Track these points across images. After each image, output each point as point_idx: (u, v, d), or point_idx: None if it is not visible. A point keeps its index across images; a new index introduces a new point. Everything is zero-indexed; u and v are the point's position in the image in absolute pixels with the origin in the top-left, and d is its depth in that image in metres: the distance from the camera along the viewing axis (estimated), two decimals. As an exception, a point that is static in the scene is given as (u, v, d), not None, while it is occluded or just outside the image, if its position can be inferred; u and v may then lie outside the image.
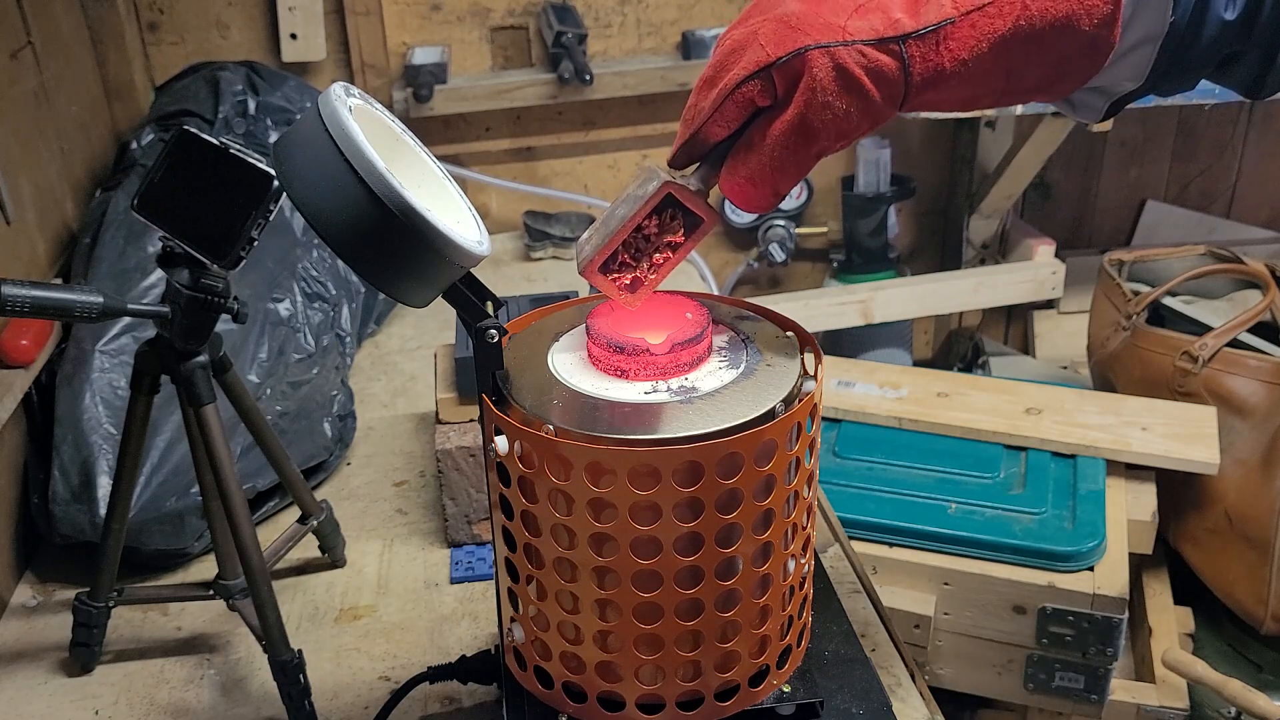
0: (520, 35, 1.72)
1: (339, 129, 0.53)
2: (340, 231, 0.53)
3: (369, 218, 0.53)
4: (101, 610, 0.86)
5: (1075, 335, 1.94)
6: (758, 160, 0.58)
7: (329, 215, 0.53)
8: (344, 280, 1.30)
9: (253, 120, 1.24)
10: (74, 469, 0.95)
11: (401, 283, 0.56)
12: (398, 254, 0.54)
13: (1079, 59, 0.59)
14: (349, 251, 0.54)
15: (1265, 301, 1.51)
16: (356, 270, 0.55)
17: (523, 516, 0.60)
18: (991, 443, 1.35)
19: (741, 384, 0.60)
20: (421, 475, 1.12)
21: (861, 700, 0.66)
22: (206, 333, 0.77)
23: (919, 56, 0.57)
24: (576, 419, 0.57)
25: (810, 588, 0.67)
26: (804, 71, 0.56)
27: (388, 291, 0.56)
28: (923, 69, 0.57)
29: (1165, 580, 1.48)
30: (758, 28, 0.57)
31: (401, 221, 0.53)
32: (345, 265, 0.56)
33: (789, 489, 0.59)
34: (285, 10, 1.57)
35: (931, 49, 0.57)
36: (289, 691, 0.80)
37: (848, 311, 1.79)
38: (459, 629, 0.92)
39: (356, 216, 0.53)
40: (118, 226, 1.11)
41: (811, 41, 0.55)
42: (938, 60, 0.57)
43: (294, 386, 1.11)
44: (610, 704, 0.62)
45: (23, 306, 0.68)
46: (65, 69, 1.29)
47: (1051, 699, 1.27)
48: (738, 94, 0.57)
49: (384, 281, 0.55)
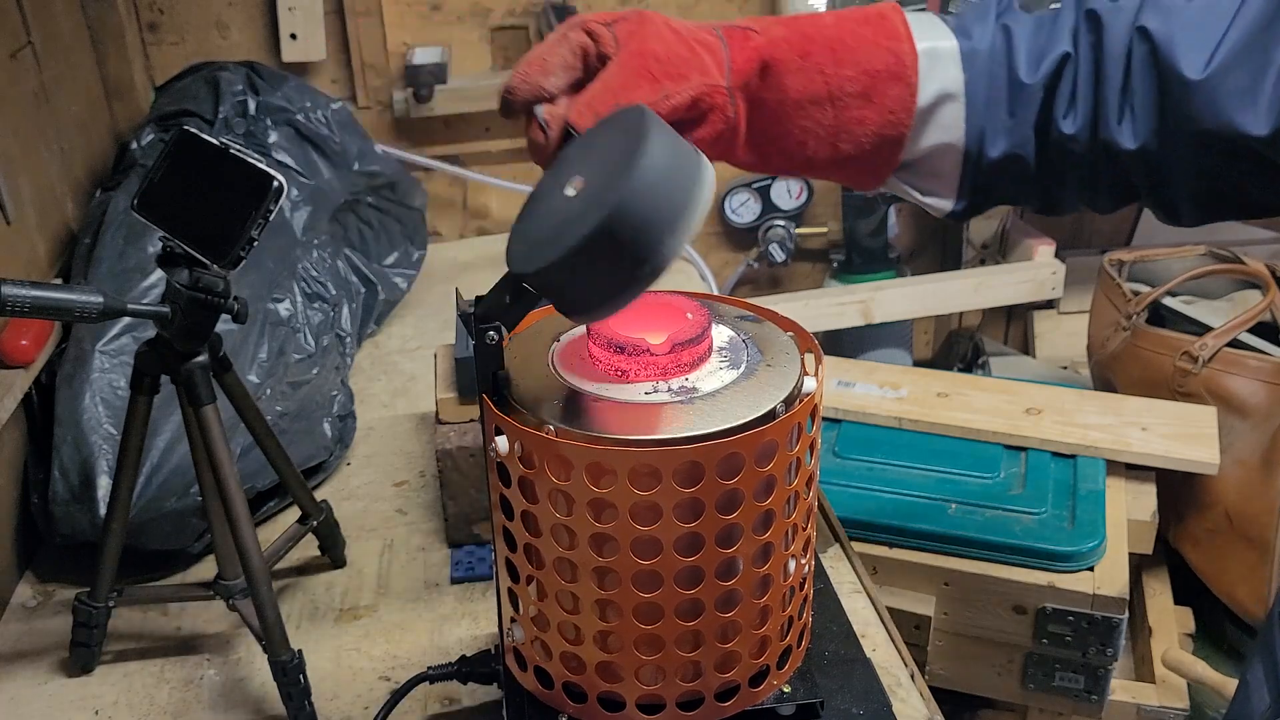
0: (520, 35, 1.72)
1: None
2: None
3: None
4: (101, 610, 0.86)
5: (1075, 335, 1.94)
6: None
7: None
8: (344, 280, 1.30)
9: (253, 120, 1.24)
10: (74, 469, 0.95)
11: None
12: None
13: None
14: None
15: (1265, 301, 1.51)
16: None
17: (523, 517, 0.60)
18: (991, 443, 1.35)
19: (742, 384, 0.60)
20: (421, 475, 1.12)
21: (861, 700, 0.66)
22: (206, 333, 0.77)
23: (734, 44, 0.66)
24: (577, 419, 0.57)
25: (810, 588, 0.67)
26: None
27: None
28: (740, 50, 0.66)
29: (1165, 580, 1.48)
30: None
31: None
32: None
33: (789, 489, 0.59)
34: (285, 10, 1.57)
35: (740, 36, 0.67)
36: (289, 691, 0.80)
37: (848, 311, 1.79)
38: (459, 629, 0.92)
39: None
40: (118, 226, 1.11)
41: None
42: (748, 40, 0.66)
43: (294, 387, 1.11)
44: (610, 704, 0.62)
45: (23, 306, 0.68)
46: (65, 69, 1.29)
47: (1051, 699, 1.27)
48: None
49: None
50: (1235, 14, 0.62)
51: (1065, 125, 0.67)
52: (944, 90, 0.67)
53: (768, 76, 0.67)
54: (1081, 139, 0.67)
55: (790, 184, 1.90)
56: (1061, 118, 0.67)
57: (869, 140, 0.68)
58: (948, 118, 0.68)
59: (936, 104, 0.68)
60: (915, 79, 0.67)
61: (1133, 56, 0.65)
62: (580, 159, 0.58)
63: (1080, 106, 0.67)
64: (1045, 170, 0.70)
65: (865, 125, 0.68)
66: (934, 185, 0.72)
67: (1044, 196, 0.72)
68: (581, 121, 0.61)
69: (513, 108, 0.63)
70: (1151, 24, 0.64)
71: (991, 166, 0.70)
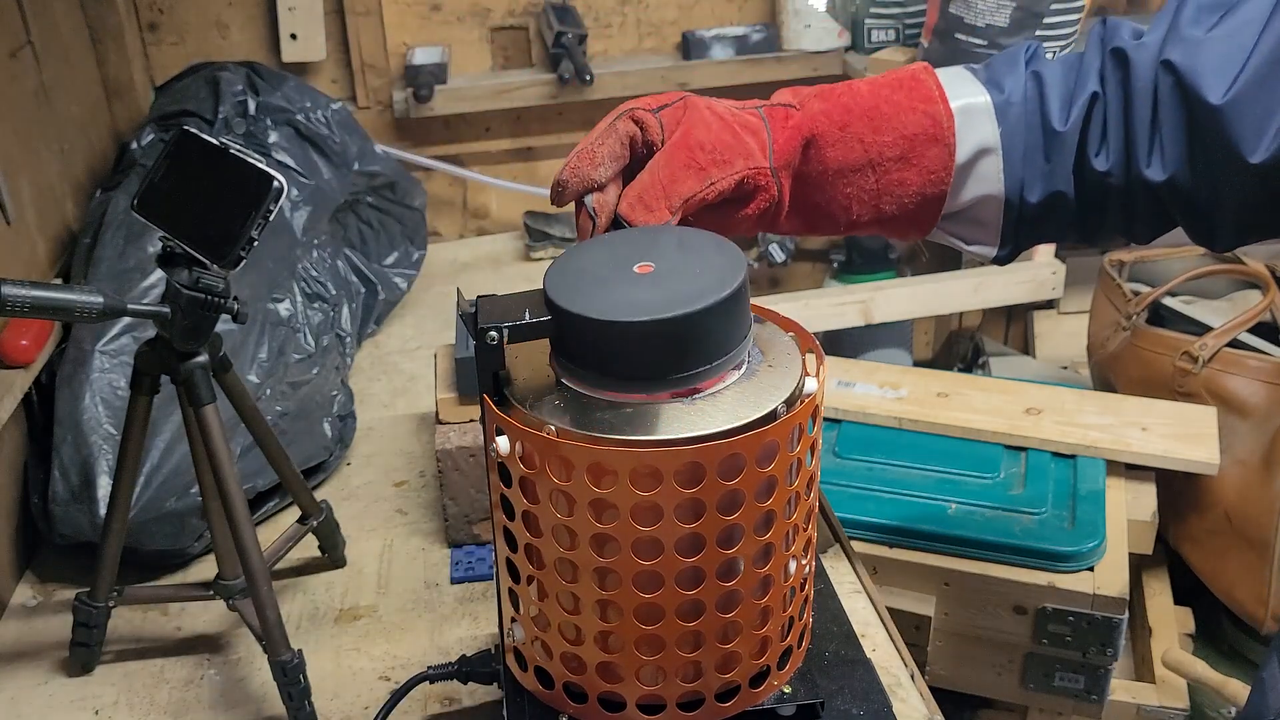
0: (520, 35, 1.72)
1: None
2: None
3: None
4: (101, 610, 0.86)
5: (1075, 335, 1.94)
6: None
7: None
8: (344, 280, 1.30)
9: (253, 120, 1.24)
10: (74, 469, 0.95)
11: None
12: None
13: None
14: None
15: (1265, 301, 1.51)
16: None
17: (524, 517, 0.60)
18: (991, 443, 1.35)
19: (743, 385, 0.60)
20: (421, 475, 1.12)
21: (862, 701, 0.66)
22: (206, 333, 0.77)
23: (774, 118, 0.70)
24: (578, 420, 0.57)
25: (811, 589, 0.67)
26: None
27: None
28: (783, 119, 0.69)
29: (1165, 580, 1.48)
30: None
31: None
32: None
33: (790, 490, 0.59)
34: (285, 10, 1.57)
35: (780, 115, 0.70)
36: (289, 691, 0.80)
37: (848, 312, 1.79)
38: (459, 629, 0.92)
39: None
40: (118, 226, 1.11)
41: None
42: (789, 119, 0.69)
43: (294, 386, 1.10)
44: (611, 704, 0.62)
45: (23, 306, 0.68)
46: (65, 69, 1.29)
47: (1051, 699, 1.27)
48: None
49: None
50: (1256, 42, 0.64)
51: (1098, 163, 0.69)
52: (981, 145, 0.70)
53: (809, 150, 0.70)
54: (1115, 174, 0.69)
55: (790, 184, 1.90)
56: (1094, 156, 0.69)
57: (911, 200, 0.71)
58: (987, 170, 0.70)
59: (975, 159, 0.70)
60: (953, 139, 0.69)
61: (1159, 90, 0.67)
62: (648, 244, 0.62)
63: (1112, 143, 0.69)
64: (1084, 207, 0.72)
65: (907, 186, 0.70)
66: (977, 234, 0.74)
67: (1084, 232, 0.75)
68: (632, 216, 0.64)
69: (564, 198, 0.66)
70: (1175, 56, 0.66)
71: (1032, 211, 0.72)
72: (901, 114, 0.69)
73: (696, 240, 0.62)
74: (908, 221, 0.73)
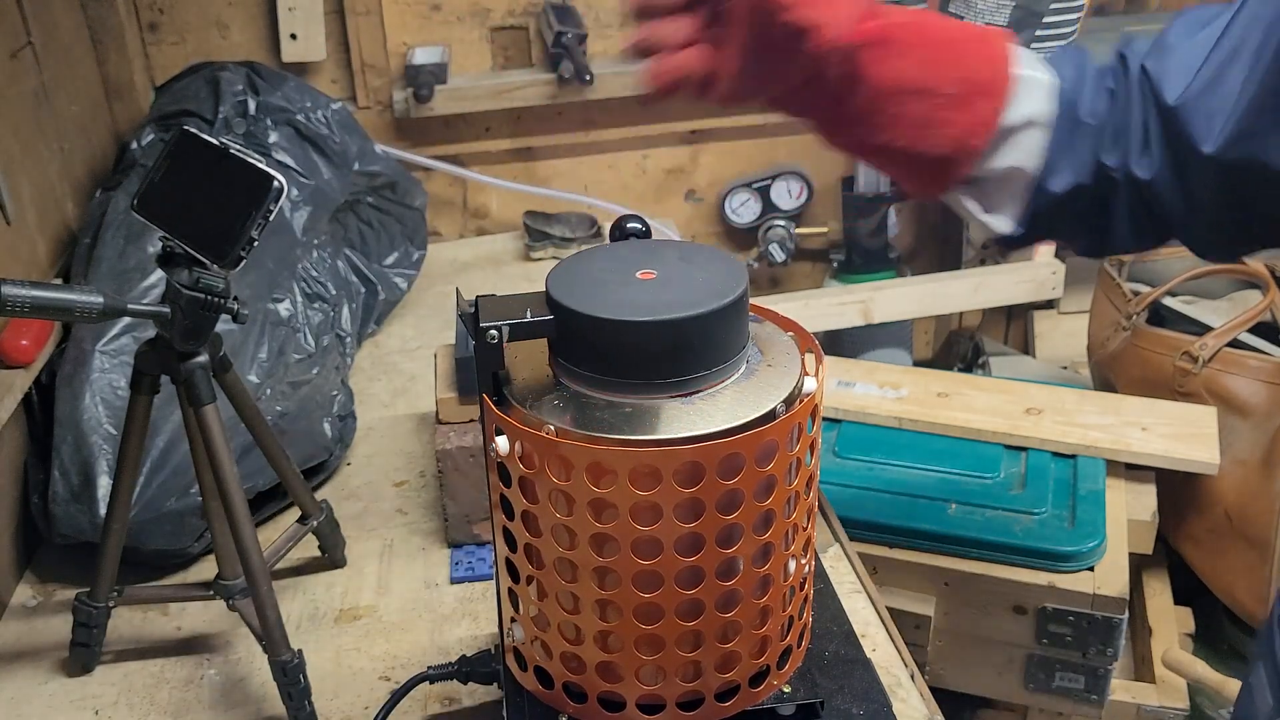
0: (520, 35, 1.72)
1: None
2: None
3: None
4: (101, 610, 0.86)
5: (1075, 335, 1.94)
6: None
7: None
8: (344, 280, 1.30)
9: (253, 120, 1.24)
10: (74, 469, 0.95)
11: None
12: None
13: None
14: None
15: (1265, 301, 1.51)
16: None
17: (523, 517, 0.60)
18: (991, 443, 1.35)
19: (742, 384, 0.60)
20: (421, 475, 1.12)
21: (862, 701, 0.66)
22: (206, 333, 0.77)
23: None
24: (577, 419, 0.57)
25: (810, 588, 0.67)
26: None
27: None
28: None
29: (1165, 580, 1.48)
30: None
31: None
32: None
33: (790, 489, 0.59)
34: (285, 10, 1.57)
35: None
36: (289, 691, 0.80)
37: (848, 311, 1.79)
38: (459, 629, 0.92)
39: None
40: (118, 226, 1.11)
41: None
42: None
43: (294, 386, 1.11)
44: (610, 704, 0.62)
45: (23, 306, 0.68)
46: (65, 69, 1.29)
47: (1051, 699, 1.27)
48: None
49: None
50: (1213, 46, 0.68)
51: (1108, 159, 0.72)
52: (1032, 117, 0.72)
53: (877, 49, 0.71)
54: (1119, 173, 0.72)
55: (790, 184, 1.90)
56: (1105, 153, 0.72)
57: (948, 144, 0.72)
58: (1029, 142, 0.72)
59: (1021, 127, 0.72)
60: (1005, 99, 0.71)
61: (1143, 94, 0.71)
62: (651, 255, 0.64)
63: (1120, 143, 0.72)
64: (1098, 207, 0.74)
65: (949, 128, 0.71)
66: (999, 204, 0.76)
67: (1094, 233, 0.77)
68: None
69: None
70: (1149, 63, 0.70)
71: (1054, 199, 0.74)
72: (970, 59, 0.72)
73: (699, 253, 0.63)
74: (935, 169, 0.74)
